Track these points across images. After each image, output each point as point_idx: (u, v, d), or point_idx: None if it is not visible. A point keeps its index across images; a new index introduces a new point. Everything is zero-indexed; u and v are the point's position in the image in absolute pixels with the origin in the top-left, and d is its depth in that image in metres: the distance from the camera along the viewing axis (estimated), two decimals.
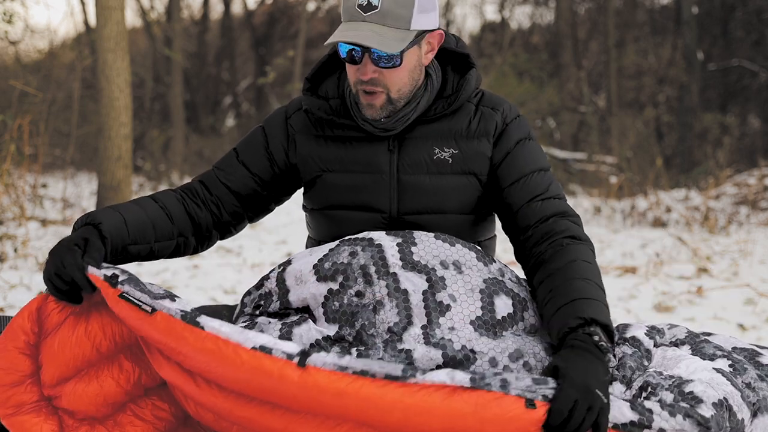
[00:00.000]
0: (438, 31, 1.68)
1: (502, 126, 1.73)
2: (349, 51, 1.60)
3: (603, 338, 1.38)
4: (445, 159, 1.70)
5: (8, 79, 8.27)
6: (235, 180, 1.76)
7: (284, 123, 1.78)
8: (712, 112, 13.72)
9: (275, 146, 1.77)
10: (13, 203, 5.86)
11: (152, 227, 1.64)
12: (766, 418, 1.36)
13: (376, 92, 1.63)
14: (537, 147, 1.75)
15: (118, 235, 1.56)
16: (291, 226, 7.40)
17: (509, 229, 1.70)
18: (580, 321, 1.40)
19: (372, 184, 1.71)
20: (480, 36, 17.52)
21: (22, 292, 3.83)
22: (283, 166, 1.77)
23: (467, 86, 1.72)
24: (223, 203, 1.75)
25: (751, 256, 5.59)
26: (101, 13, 6.51)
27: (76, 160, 10.75)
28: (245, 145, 1.80)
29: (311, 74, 1.77)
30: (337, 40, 1.57)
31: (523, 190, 1.66)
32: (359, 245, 1.60)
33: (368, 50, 1.59)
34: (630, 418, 1.26)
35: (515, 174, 1.68)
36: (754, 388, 1.40)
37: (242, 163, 1.77)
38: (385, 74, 1.61)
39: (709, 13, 14.71)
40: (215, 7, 22.74)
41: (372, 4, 1.56)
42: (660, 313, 3.84)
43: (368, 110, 1.66)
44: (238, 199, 1.76)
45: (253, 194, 1.77)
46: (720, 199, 8.86)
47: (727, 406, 1.32)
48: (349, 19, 1.59)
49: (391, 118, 1.67)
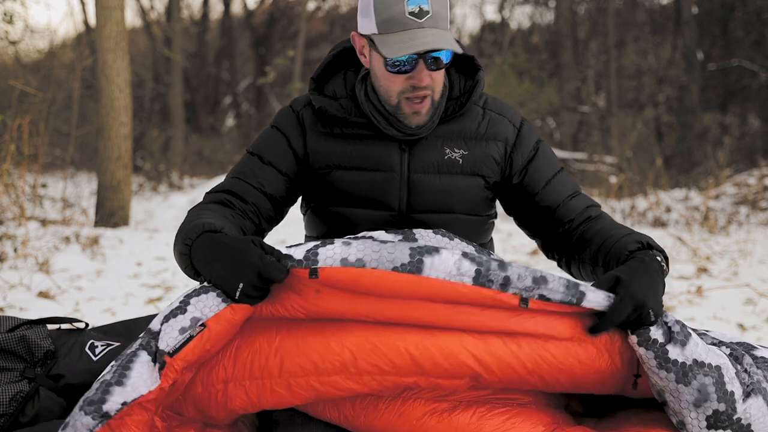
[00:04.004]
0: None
1: (515, 132, 1.78)
2: (404, 60, 1.58)
3: (663, 261, 1.50)
4: (455, 159, 1.73)
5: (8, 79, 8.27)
6: (269, 183, 1.73)
7: (296, 119, 1.78)
8: (712, 112, 13.72)
9: (296, 143, 1.76)
10: (13, 203, 5.86)
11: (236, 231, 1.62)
12: (760, 400, 1.39)
13: (425, 98, 1.63)
14: (548, 146, 1.84)
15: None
16: (291, 226, 7.39)
17: (546, 226, 1.77)
18: (639, 245, 1.52)
19: (382, 182, 1.72)
20: (480, 36, 17.51)
21: (21, 292, 3.83)
22: (303, 156, 1.76)
23: (478, 87, 1.75)
24: (260, 210, 1.72)
25: (750, 256, 5.58)
26: (101, 13, 6.51)
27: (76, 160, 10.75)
28: (266, 147, 1.77)
29: (317, 74, 1.77)
30: (416, 50, 1.54)
31: (556, 192, 1.76)
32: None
33: (424, 56, 1.58)
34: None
35: (544, 178, 1.77)
36: (749, 373, 1.43)
37: (270, 164, 1.74)
38: (434, 77, 1.63)
39: (709, 13, 14.71)
40: (215, 7, 22.75)
41: (424, 9, 1.55)
42: None
43: (414, 118, 1.66)
44: (272, 203, 1.74)
45: (284, 195, 1.76)
46: (720, 199, 8.86)
47: (718, 375, 1.36)
48: (401, 28, 1.56)
49: (424, 127, 1.69)
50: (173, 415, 1.50)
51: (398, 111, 1.66)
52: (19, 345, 1.77)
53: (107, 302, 3.75)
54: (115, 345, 1.87)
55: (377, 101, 1.70)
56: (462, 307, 1.41)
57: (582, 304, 1.39)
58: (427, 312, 1.41)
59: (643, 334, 1.38)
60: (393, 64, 1.59)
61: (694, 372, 1.35)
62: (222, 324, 1.41)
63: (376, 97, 1.70)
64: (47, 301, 3.67)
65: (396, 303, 1.41)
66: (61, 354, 1.81)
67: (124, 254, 5.19)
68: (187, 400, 1.49)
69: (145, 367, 1.36)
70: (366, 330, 1.42)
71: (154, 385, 1.35)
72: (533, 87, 12.99)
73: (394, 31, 1.56)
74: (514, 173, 1.77)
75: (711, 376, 1.36)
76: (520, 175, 1.77)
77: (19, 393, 1.71)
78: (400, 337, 1.41)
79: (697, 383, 1.35)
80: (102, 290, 4.00)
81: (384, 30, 1.57)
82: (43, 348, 1.79)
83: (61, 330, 1.90)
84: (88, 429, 1.29)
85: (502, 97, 10.50)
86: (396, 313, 1.41)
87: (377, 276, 1.38)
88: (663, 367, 1.36)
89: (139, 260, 5.00)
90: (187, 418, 1.50)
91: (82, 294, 3.91)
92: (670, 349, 1.37)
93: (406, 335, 1.41)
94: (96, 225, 6.65)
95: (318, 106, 1.74)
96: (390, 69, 1.60)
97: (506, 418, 1.47)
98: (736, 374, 1.38)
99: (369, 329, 1.42)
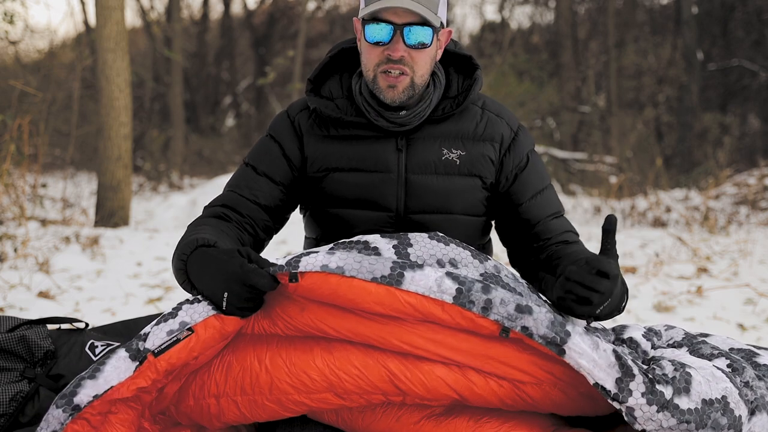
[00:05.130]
0: (448, 29, 1.71)
1: (511, 135, 1.77)
2: (379, 28, 1.60)
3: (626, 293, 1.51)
4: (452, 160, 1.73)
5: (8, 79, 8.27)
6: (263, 194, 1.74)
7: (291, 125, 1.78)
8: (712, 112, 13.72)
9: (291, 150, 1.76)
10: (13, 203, 5.86)
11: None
12: (764, 416, 1.36)
13: (401, 74, 1.63)
14: (540, 159, 1.83)
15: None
16: (291, 226, 7.38)
17: (520, 238, 1.76)
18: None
19: (380, 183, 1.71)
20: (480, 36, 17.52)
21: (21, 291, 3.83)
22: (299, 163, 1.77)
23: (476, 86, 1.75)
24: (255, 222, 1.73)
25: (750, 256, 5.58)
26: (101, 13, 6.51)
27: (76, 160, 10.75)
28: (259, 157, 1.77)
29: (314, 75, 1.77)
30: (384, 5, 1.56)
31: (540, 207, 1.75)
32: (355, 248, 1.59)
33: (401, 28, 1.59)
34: (615, 375, 1.31)
35: (531, 190, 1.76)
36: (752, 387, 1.40)
37: (264, 175, 1.75)
38: (413, 55, 1.62)
39: (709, 13, 14.71)
40: (215, 7, 22.75)
41: None
42: (660, 313, 3.84)
43: (389, 92, 1.65)
44: (267, 213, 1.74)
45: (280, 204, 1.76)
46: (720, 199, 8.86)
47: (725, 405, 1.33)
48: None
49: (409, 113, 1.68)
50: (167, 419, 1.50)
51: (375, 85, 1.66)
52: (19, 345, 1.78)
53: (107, 302, 3.75)
54: (115, 345, 1.87)
55: (368, 93, 1.70)
56: (441, 330, 1.40)
57: (565, 346, 1.33)
58: (407, 334, 1.40)
59: (651, 389, 1.31)
60: (370, 35, 1.61)
61: (707, 412, 1.33)
62: (210, 332, 1.41)
63: (367, 90, 1.70)
64: (47, 301, 3.67)
65: (377, 323, 1.40)
66: (61, 354, 1.81)
67: (124, 254, 5.19)
68: (180, 412, 1.49)
69: (121, 361, 1.36)
70: (350, 352, 1.43)
71: (125, 376, 1.35)
72: (533, 87, 12.98)
73: (375, 0, 1.60)
74: (503, 178, 1.76)
75: (720, 409, 1.33)
76: (508, 181, 1.76)
77: (19, 393, 1.71)
78: (383, 363, 1.41)
79: (710, 421, 1.32)
80: (102, 290, 4.00)
81: (369, 2, 1.61)
82: (43, 348, 1.79)
83: (61, 330, 1.90)
84: (59, 422, 1.30)
85: (501, 98, 10.50)
86: (377, 334, 1.40)
87: (355, 286, 1.37)
88: (683, 421, 1.31)
89: (139, 260, 5.00)
90: (184, 424, 1.51)
91: (82, 294, 3.91)
92: (680, 402, 1.31)
93: (388, 362, 1.41)
94: (96, 225, 6.65)
95: (313, 108, 1.74)
96: (368, 39, 1.62)
97: (503, 421, 1.47)
98: (739, 395, 1.36)
99: (353, 352, 1.43)
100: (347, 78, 1.78)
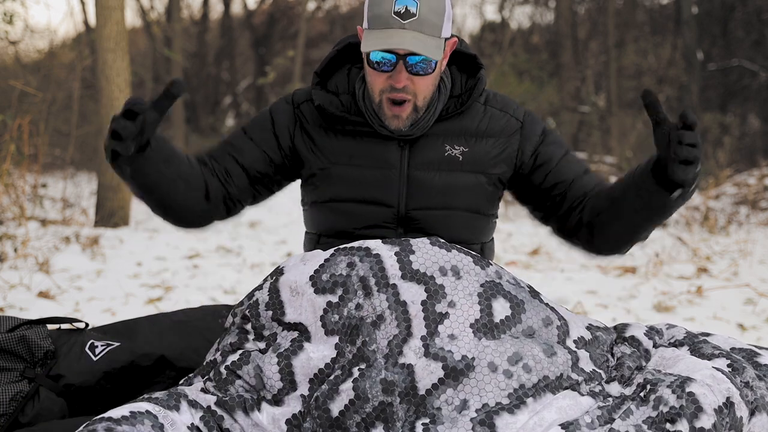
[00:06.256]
0: (453, 39, 1.70)
1: (519, 126, 1.78)
2: (382, 58, 1.59)
3: None
4: (455, 156, 1.73)
5: (8, 79, 8.27)
6: (244, 154, 1.77)
7: (292, 110, 1.79)
8: (712, 112, 13.71)
9: (281, 130, 1.78)
10: (13, 203, 5.86)
11: (188, 164, 1.68)
12: (764, 417, 1.36)
13: (404, 102, 1.63)
14: (555, 132, 1.85)
15: (166, 142, 1.62)
16: (291, 226, 7.39)
17: (558, 203, 1.75)
18: None
19: (381, 179, 1.71)
20: (480, 36, 17.50)
21: (22, 291, 3.83)
22: (288, 150, 1.78)
23: (479, 86, 1.75)
24: (230, 174, 1.75)
25: (750, 256, 5.59)
26: (101, 13, 6.51)
27: (76, 160, 10.74)
28: (252, 125, 1.82)
29: (321, 69, 1.77)
30: (385, 47, 1.56)
31: (571, 165, 1.76)
32: (356, 255, 1.58)
33: (404, 58, 1.58)
34: None
35: (558, 153, 1.77)
36: (752, 387, 1.40)
37: (251, 139, 1.78)
38: (416, 82, 1.62)
39: (709, 13, 14.70)
40: (215, 7, 22.74)
41: (410, 11, 1.55)
42: (660, 313, 3.84)
43: (394, 121, 1.66)
44: (244, 172, 1.77)
45: (261, 170, 1.77)
46: (720, 199, 8.85)
47: (729, 406, 1.33)
48: (385, 26, 1.57)
49: (413, 126, 1.69)
50: None
51: (380, 111, 1.67)
52: (19, 345, 1.78)
53: (107, 302, 3.75)
54: (115, 345, 1.87)
55: (371, 101, 1.70)
56: None
57: None
58: None
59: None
60: (373, 62, 1.61)
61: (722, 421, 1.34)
62: None
63: (370, 97, 1.70)
64: (47, 301, 3.67)
65: None
66: (61, 354, 1.81)
67: (124, 254, 5.19)
68: None
69: None
70: None
71: None
72: (533, 87, 12.98)
73: (377, 28, 1.58)
74: (526, 161, 1.77)
75: (723, 420, 1.34)
76: (531, 159, 1.77)
77: (19, 393, 1.71)
78: None
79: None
80: (102, 290, 4.00)
81: (371, 26, 1.60)
82: (43, 348, 1.79)
83: (61, 330, 1.90)
84: None
85: None
86: None
87: None
88: None
89: (139, 260, 5.00)
90: None
91: (82, 294, 3.91)
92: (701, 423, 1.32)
93: None
94: (96, 225, 6.65)
95: (317, 104, 1.74)
96: (370, 66, 1.62)
97: None
98: (741, 396, 1.36)
99: None
100: (355, 73, 1.78)
